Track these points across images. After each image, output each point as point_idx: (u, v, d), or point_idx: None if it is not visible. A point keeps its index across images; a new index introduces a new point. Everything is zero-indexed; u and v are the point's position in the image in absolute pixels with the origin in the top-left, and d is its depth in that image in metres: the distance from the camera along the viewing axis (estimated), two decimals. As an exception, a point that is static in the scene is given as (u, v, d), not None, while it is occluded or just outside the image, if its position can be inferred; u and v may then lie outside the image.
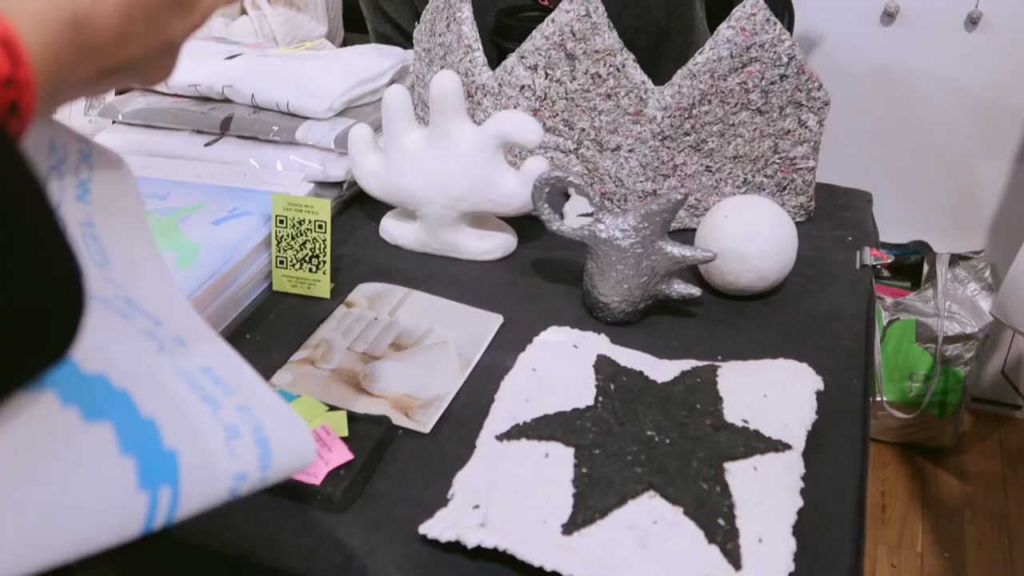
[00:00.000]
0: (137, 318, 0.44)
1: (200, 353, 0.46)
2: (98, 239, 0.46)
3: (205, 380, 0.44)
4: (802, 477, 0.67)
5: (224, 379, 0.45)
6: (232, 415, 0.43)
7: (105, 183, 0.46)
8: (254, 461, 0.43)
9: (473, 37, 0.98)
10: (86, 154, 0.45)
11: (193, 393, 0.43)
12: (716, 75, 0.91)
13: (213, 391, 0.44)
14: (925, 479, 1.91)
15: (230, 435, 0.43)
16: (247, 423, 0.44)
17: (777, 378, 0.75)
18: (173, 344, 0.45)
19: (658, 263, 0.82)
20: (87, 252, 0.45)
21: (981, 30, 1.74)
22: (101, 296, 0.44)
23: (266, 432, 0.44)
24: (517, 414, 0.71)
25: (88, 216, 0.45)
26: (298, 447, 0.47)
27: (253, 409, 0.45)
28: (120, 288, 0.45)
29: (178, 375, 0.43)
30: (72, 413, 0.36)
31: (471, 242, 0.94)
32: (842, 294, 0.90)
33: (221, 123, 1.06)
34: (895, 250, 1.96)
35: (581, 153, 0.98)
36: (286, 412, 0.47)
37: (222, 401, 0.44)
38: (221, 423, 0.42)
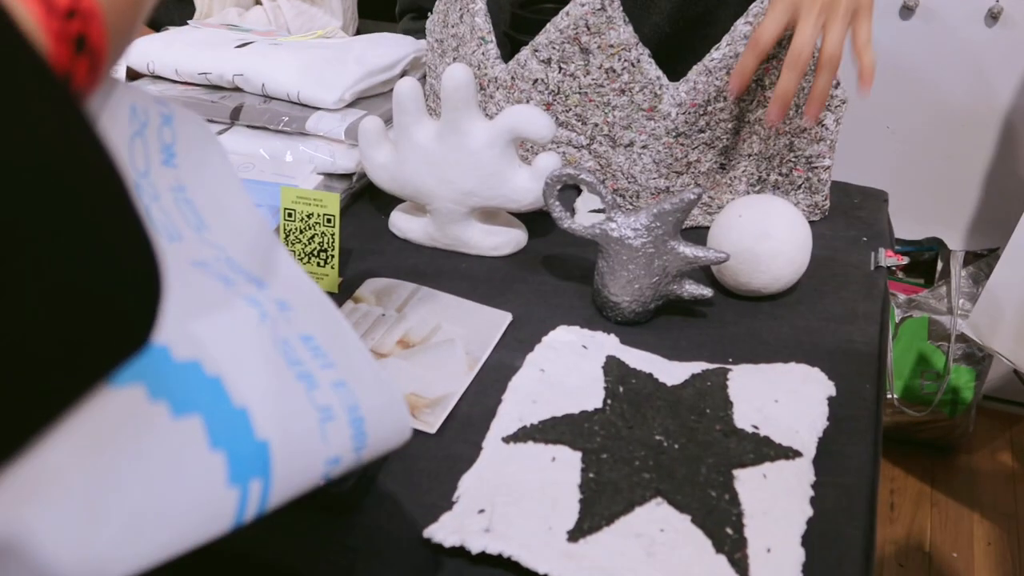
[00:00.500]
0: (240, 281, 0.43)
1: (302, 318, 0.45)
2: (191, 202, 0.45)
3: (304, 351, 0.43)
4: (812, 485, 0.66)
5: (324, 349, 0.44)
6: (327, 395, 0.42)
7: (190, 145, 0.45)
8: (347, 443, 0.43)
9: (487, 29, 0.97)
10: (167, 117, 0.44)
11: (291, 371, 0.42)
12: (732, 71, 0.89)
13: (311, 365, 0.43)
14: (935, 478, 1.89)
15: (324, 418, 0.42)
16: (342, 402, 0.43)
17: (788, 383, 0.74)
18: (275, 310, 0.44)
19: (670, 263, 0.81)
20: (182, 216, 0.44)
21: (1002, 25, 1.72)
22: (202, 261, 0.43)
23: (361, 411, 0.44)
24: (524, 416, 0.71)
25: (178, 180, 0.44)
26: (394, 423, 0.46)
27: (350, 384, 0.44)
28: (221, 250, 0.44)
29: (277, 349, 0.42)
30: (161, 408, 0.35)
31: (481, 237, 0.93)
32: (856, 296, 0.89)
33: (231, 112, 1.05)
34: (909, 246, 1.95)
35: (594, 149, 0.97)
36: (383, 384, 0.46)
37: (319, 377, 0.43)
38: (315, 405, 0.42)
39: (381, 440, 0.45)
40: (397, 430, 0.46)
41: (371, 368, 0.45)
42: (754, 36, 0.81)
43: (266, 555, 0.63)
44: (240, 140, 1.04)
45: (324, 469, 0.42)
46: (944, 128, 1.85)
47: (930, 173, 1.90)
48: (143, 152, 0.43)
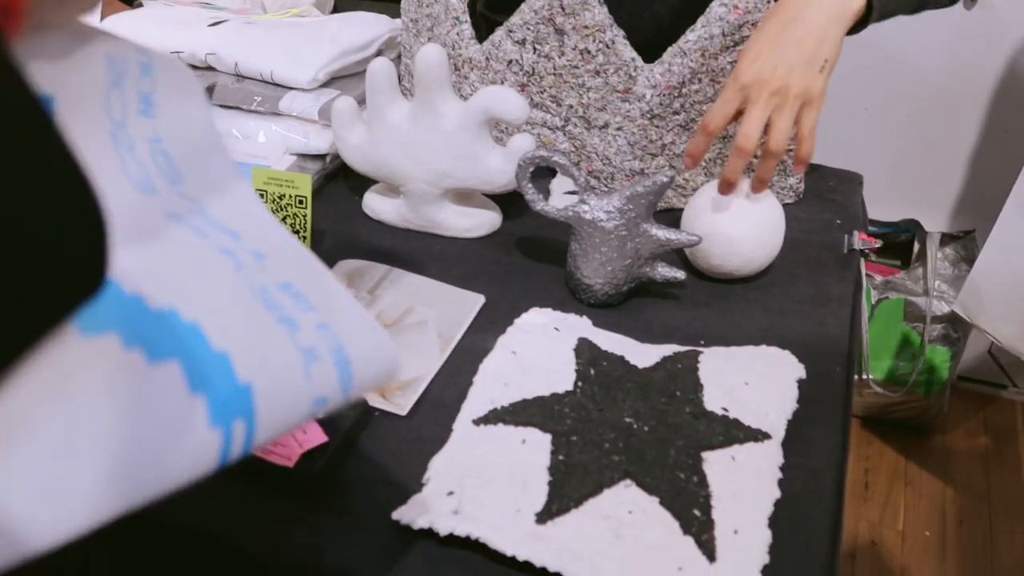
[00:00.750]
0: (214, 233, 0.43)
1: (280, 267, 0.45)
2: (167, 154, 0.44)
3: (284, 297, 0.43)
4: (780, 467, 0.66)
5: (304, 294, 0.44)
6: (311, 336, 0.43)
7: (170, 94, 0.45)
8: (334, 383, 0.43)
9: (461, 9, 0.96)
10: (147, 65, 0.43)
11: (271, 314, 0.42)
12: (707, 53, 0.89)
13: (292, 310, 0.43)
14: (909, 457, 1.91)
15: (308, 359, 0.42)
16: (326, 343, 0.43)
17: (759, 365, 0.74)
18: (251, 259, 0.44)
19: (642, 246, 0.81)
20: (157, 168, 0.43)
21: (980, 7, 1.72)
22: (176, 214, 0.43)
23: (346, 351, 0.44)
24: (495, 398, 0.71)
25: (155, 130, 0.44)
26: (380, 360, 0.46)
27: (333, 326, 0.44)
28: (195, 203, 0.44)
29: (256, 295, 0.42)
30: (136, 355, 0.35)
31: (455, 219, 0.93)
32: (829, 279, 0.90)
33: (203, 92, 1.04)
34: (886, 228, 1.96)
35: (568, 130, 0.96)
36: (367, 324, 0.46)
37: (301, 320, 0.43)
38: (299, 347, 0.42)
39: (368, 377, 0.45)
40: (385, 367, 0.47)
41: (354, 309, 0.46)
42: (704, 119, 0.81)
43: (235, 537, 0.63)
44: (213, 120, 1.03)
45: (311, 408, 0.42)
46: (921, 110, 1.85)
47: (907, 155, 1.90)
48: (120, 102, 0.42)
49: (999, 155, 1.85)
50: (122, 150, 0.42)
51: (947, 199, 1.93)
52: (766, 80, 0.78)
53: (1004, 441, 1.96)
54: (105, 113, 0.42)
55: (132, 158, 0.43)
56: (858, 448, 1.92)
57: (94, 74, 0.41)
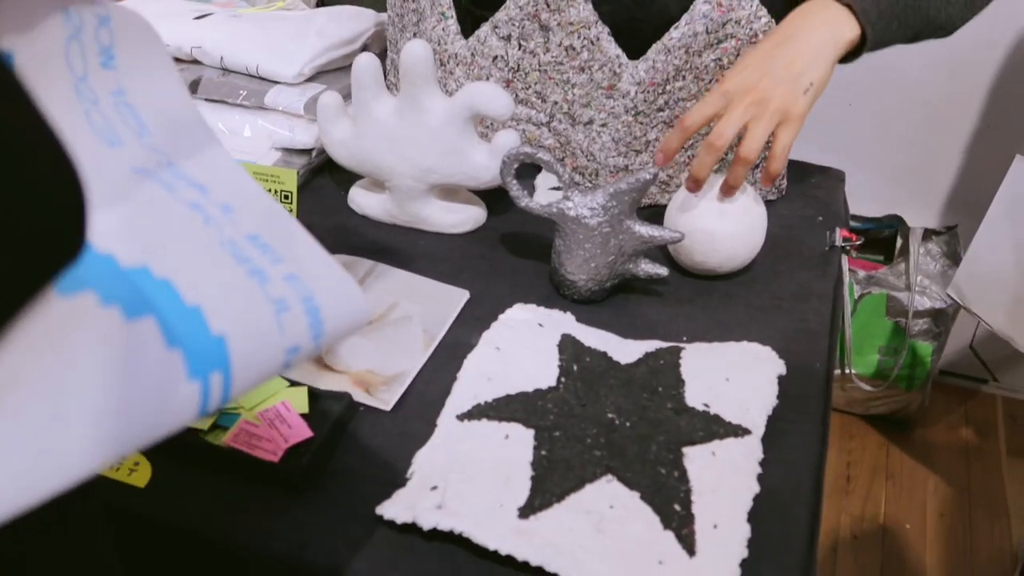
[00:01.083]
0: (181, 187, 0.44)
1: (248, 219, 0.45)
2: (132, 107, 0.44)
3: (253, 249, 0.44)
4: (760, 462, 0.67)
5: (272, 246, 0.44)
6: (281, 287, 0.43)
7: (130, 46, 0.44)
8: (305, 332, 0.43)
9: (447, 4, 0.96)
10: (104, 18, 0.43)
11: (240, 267, 0.42)
12: (691, 51, 0.90)
13: (261, 261, 0.43)
14: (890, 451, 1.93)
15: (279, 309, 0.42)
16: (296, 293, 0.43)
17: (740, 361, 0.75)
18: (219, 213, 0.44)
19: (626, 242, 0.81)
20: (123, 121, 0.43)
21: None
22: (143, 168, 0.43)
23: (316, 300, 0.44)
24: (479, 393, 0.71)
25: (118, 83, 0.44)
26: (349, 308, 0.46)
27: (302, 277, 0.44)
28: (162, 155, 0.44)
29: (225, 249, 0.42)
30: (113, 312, 0.36)
31: (440, 215, 0.93)
32: (810, 275, 0.90)
33: (189, 85, 1.04)
34: (869, 223, 1.97)
35: (553, 126, 0.97)
36: (335, 273, 0.46)
37: (270, 272, 0.43)
38: (269, 298, 0.42)
39: (339, 327, 0.45)
40: (354, 315, 0.47)
41: (322, 259, 0.46)
42: (683, 116, 0.82)
43: (220, 532, 0.63)
44: (198, 114, 1.03)
45: (284, 358, 0.43)
46: (905, 106, 1.86)
47: (890, 151, 1.91)
48: (80, 55, 0.42)
49: (982, 151, 1.86)
50: (86, 103, 0.43)
51: (930, 195, 1.94)
52: (749, 89, 0.80)
53: (985, 435, 1.98)
54: (66, 67, 0.42)
55: (96, 111, 0.43)
56: (840, 442, 1.94)
57: (52, 28, 0.41)
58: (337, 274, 0.46)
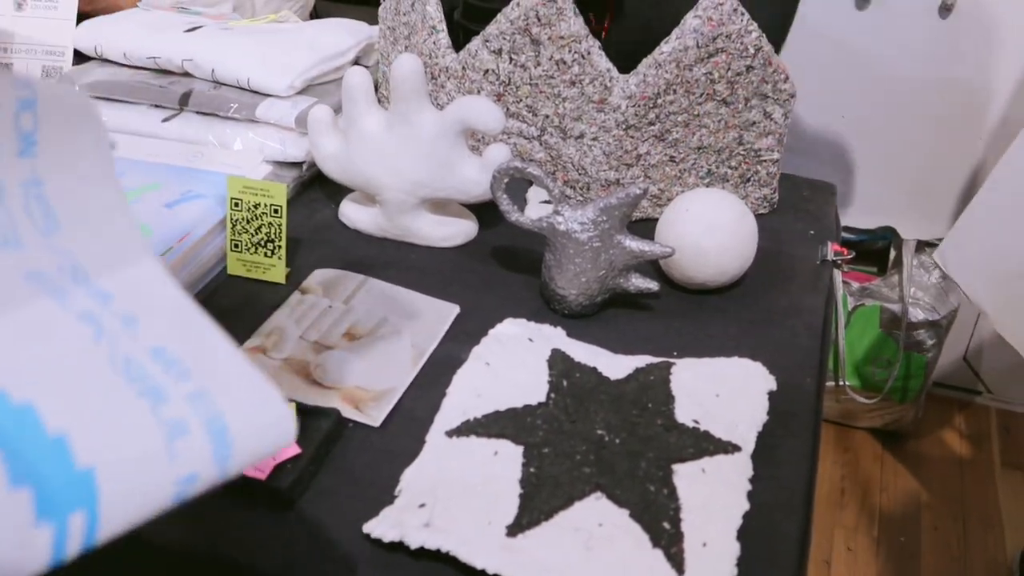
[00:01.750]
0: (79, 295, 0.41)
1: (155, 331, 0.42)
2: (45, 199, 0.41)
3: (153, 366, 0.40)
4: (750, 479, 0.67)
5: (180, 359, 0.41)
6: (179, 408, 0.40)
7: (59, 132, 0.42)
8: (207, 457, 0.40)
9: (438, 18, 0.96)
10: (28, 101, 0.41)
11: (130, 387, 0.39)
12: (682, 65, 0.90)
13: (160, 379, 0.40)
14: (884, 463, 1.93)
15: (173, 434, 0.39)
16: (200, 415, 0.40)
17: (730, 377, 0.75)
18: (118, 325, 0.41)
19: (616, 257, 0.81)
20: (29, 218, 0.41)
21: (954, 17, 1.74)
22: (37, 272, 0.40)
23: (225, 420, 0.41)
24: (468, 410, 0.71)
25: (35, 172, 0.41)
26: (268, 428, 0.43)
27: (213, 394, 0.41)
28: (68, 256, 0.42)
29: (114, 367, 0.39)
30: None
31: (431, 228, 0.93)
32: (801, 289, 0.90)
33: (180, 98, 1.04)
34: (863, 235, 1.97)
35: (544, 140, 0.97)
36: (259, 388, 0.43)
37: (170, 391, 0.40)
38: (162, 421, 0.39)
39: (253, 449, 0.42)
40: (276, 434, 0.43)
41: (243, 374, 0.43)
42: None
43: (206, 549, 0.63)
44: (189, 127, 1.03)
45: (175, 489, 0.39)
46: (897, 118, 1.87)
47: (884, 162, 1.92)
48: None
49: (975, 163, 1.87)
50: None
51: (923, 206, 1.95)
52: None
53: (978, 447, 1.98)
54: None
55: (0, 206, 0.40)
56: (834, 454, 1.93)
57: None
58: (259, 390, 0.43)
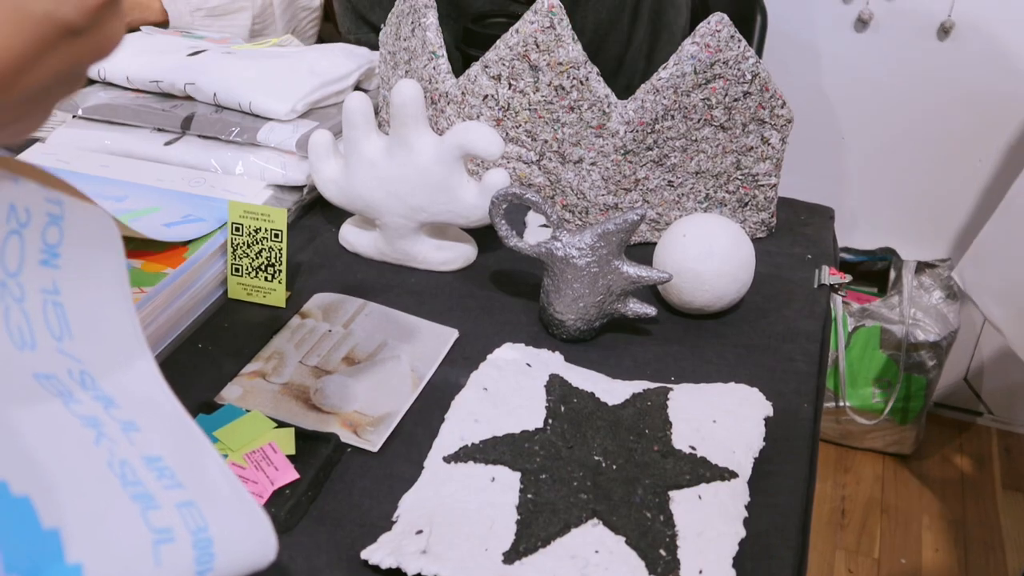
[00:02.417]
0: (85, 399, 0.43)
1: (150, 440, 0.44)
2: (62, 307, 0.44)
3: (147, 472, 0.43)
4: (746, 506, 0.67)
5: (173, 470, 0.44)
6: (169, 516, 0.42)
7: (80, 246, 0.45)
8: (188, 565, 0.42)
9: (437, 44, 0.97)
10: (56, 217, 0.43)
11: (124, 491, 0.41)
12: (679, 91, 0.91)
13: (153, 486, 0.42)
14: (885, 484, 1.92)
15: (160, 540, 0.41)
16: (187, 524, 0.42)
17: (727, 403, 0.75)
18: (118, 431, 0.43)
19: (614, 282, 0.81)
20: (45, 322, 0.43)
21: (953, 39, 1.75)
22: (49, 374, 0.42)
23: (210, 531, 0.43)
24: (466, 435, 0.71)
25: (53, 282, 0.44)
26: (251, 543, 0.45)
27: (200, 505, 0.43)
28: (78, 362, 0.44)
29: (111, 470, 0.41)
30: None
31: (430, 252, 0.94)
32: (799, 314, 0.91)
33: (182, 122, 1.05)
34: (863, 256, 1.98)
35: (543, 165, 0.97)
36: (244, 505, 0.45)
37: (161, 498, 0.42)
38: (150, 526, 0.41)
39: (235, 561, 0.44)
40: (257, 550, 0.45)
41: (231, 489, 0.45)
42: None
43: None
44: (191, 150, 1.03)
45: None
46: (897, 139, 1.88)
47: (883, 183, 1.93)
48: (18, 251, 0.42)
49: (975, 184, 1.88)
50: (9, 299, 0.42)
51: (923, 228, 1.95)
52: None
53: (979, 468, 1.98)
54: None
55: (18, 308, 0.42)
56: (834, 476, 1.93)
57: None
58: (246, 507, 0.45)
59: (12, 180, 0.42)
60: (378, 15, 1.22)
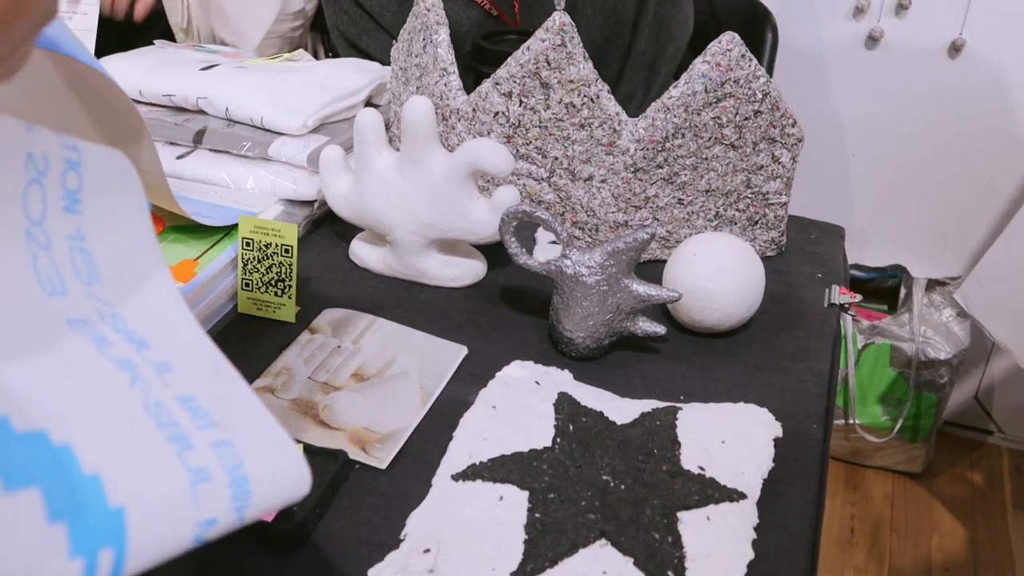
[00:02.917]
0: (118, 341, 0.43)
1: (185, 379, 0.44)
2: (88, 252, 0.44)
3: (181, 413, 0.42)
4: (755, 527, 0.67)
5: (206, 409, 0.43)
6: (204, 455, 0.42)
7: (100, 191, 0.45)
8: (225, 503, 0.42)
9: (449, 60, 0.97)
10: (74, 162, 0.43)
11: (160, 433, 0.41)
12: (690, 109, 0.91)
13: (187, 427, 0.42)
14: (895, 503, 1.91)
15: (196, 480, 0.41)
16: (222, 462, 0.42)
17: (736, 423, 0.75)
18: (151, 373, 0.43)
19: (624, 301, 0.81)
20: (73, 268, 0.43)
21: (964, 57, 1.75)
22: (81, 319, 0.42)
23: (245, 469, 0.43)
24: (474, 453, 0.71)
25: (78, 228, 0.44)
26: (288, 479, 0.45)
27: (235, 443, 0.43)
28: (108, 306, 0.44)
29: (147, 412, 0.41)
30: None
31: (440, 268, 0.94)
32: (809, 333, 0.90)
33: (194, 135, 1.05)
34: (873, 273, 1.97)
35: (554, 182, 0.97)
36: (277, 440, 0.45)
37: (195, 438, 0.42)
38: (187, 467, 0.41)
39: (270, 497, 0.44)
40: (291, 485, 0.45)
41: (265, 425, 0.45)
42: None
43: (210, 593, 0.63)
44: (203, 164, 1.04)
45: (196, 532, 0.41)
46: (908, 156, 1.87)
47: (894, 200, 1.92)
48: (40, 199, 0.42)
49: (985, 202, 1.87)
50: (36, 247, 0.42)
51: (934, 245, 1.95)
52: None
53: (990, 487, 1.97)
54: (21, 212, 0.42)
55: (46, 256, 0.43)
56: (844, 493, 1.92)
57: (10, 172, 0.41)
58: (279, 442, 0.45)
59: (26, 128, 0.42)
60: (366, 43, 1.24)
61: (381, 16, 1.19)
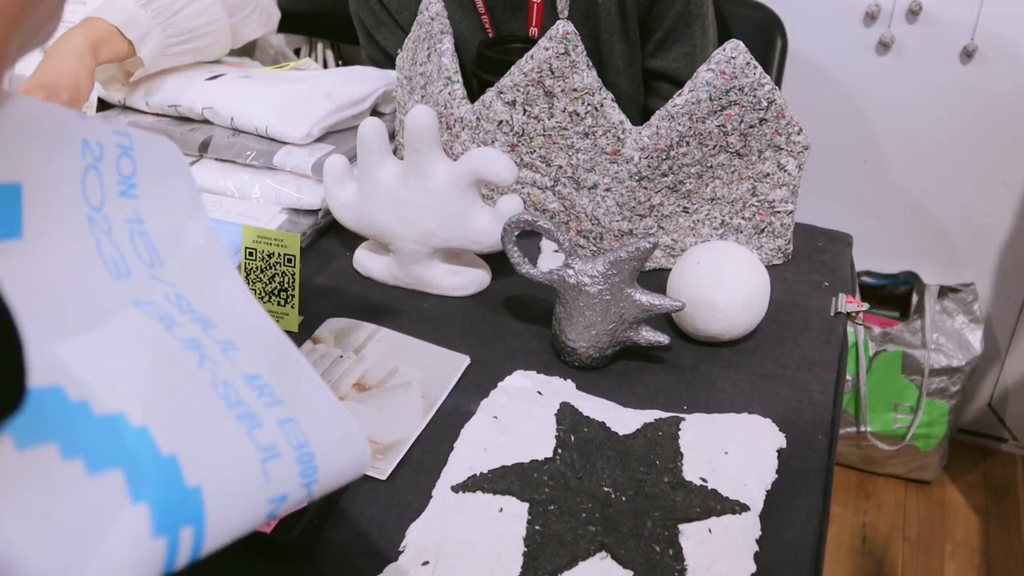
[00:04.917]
0: (185, 322, 0.44)
1: (250, 358, 0.45)
2: (147, 235, 0.45)
3: (248, 391, 0.43)
4: (757, 540, 0.66)
5: (272, 387, 0.44)
6: (272, 432, 0.42)
7: (153, 175, 0.46)
8: (294, 480, 0.43)
9: (453, 69, 0.97)
10: (126, 148, 0.44)
11: (230, 412, 0.42)
12: (695, 117, 0.90)
13: (254, 405, 0.43)
14: (907, 511, 1.90)
15: (266, 457, 0.41)
16: (289, 440, 0.43)
17: (739, 434, 0.74)
18: (218, 351, 0.44)
19: (627, 310, 0.81)
20: (135, 251, 0.44)
21: (976, 62, 1.73)
22: (148, 300, 0.43)
23: (311, 447, 0.43)
24: (475, 464, 0.71)
25: (136, 211, 0.45)
26: (351, 455, 0.46)
27: (300, 421, 0.44)
28: (172, 286, 0.45)
29: (216, 392, 0.42)
30: (75, 465, 0.35)
31: (443, 277, 0.94)
32: (814, 343, 0.90)
33: (199, 145, 1.05)
34: (885, 279, 1.96)
35: (558, 190, 0.97)
36: (340, 418, 0.46)
37: (263, 416, 0.43)
38: (258, 444, 0.41)
39: (335, 474, 0.45)
40: (354, 463, 0.46)
41: (326, 402, 0.46)
42: None
43: (209, 605, 0.63)
44: (208, 173, 1.04)
45: (268, 508, 0.41)
46: (919, 163, 1.86)
47: (905, 207, 1.91)
48: (98, 185, 0.43)
49: (998, 208, 1.85)
50: (98, 232, 0.43)
51: (946, 251, 1.93)
52: None
53: (1004, 495, 1.95)
54: (82, 197, 0.42)
55: (109, 241, 0.43)
56: (855, 501, 1.91)
57: (69, 159, 0.42)
58: (341, 419, 0.46)
59: (79, 117, 0.42)
60: (383, 35, 1.24)
61: (399, 13, 1.19)
